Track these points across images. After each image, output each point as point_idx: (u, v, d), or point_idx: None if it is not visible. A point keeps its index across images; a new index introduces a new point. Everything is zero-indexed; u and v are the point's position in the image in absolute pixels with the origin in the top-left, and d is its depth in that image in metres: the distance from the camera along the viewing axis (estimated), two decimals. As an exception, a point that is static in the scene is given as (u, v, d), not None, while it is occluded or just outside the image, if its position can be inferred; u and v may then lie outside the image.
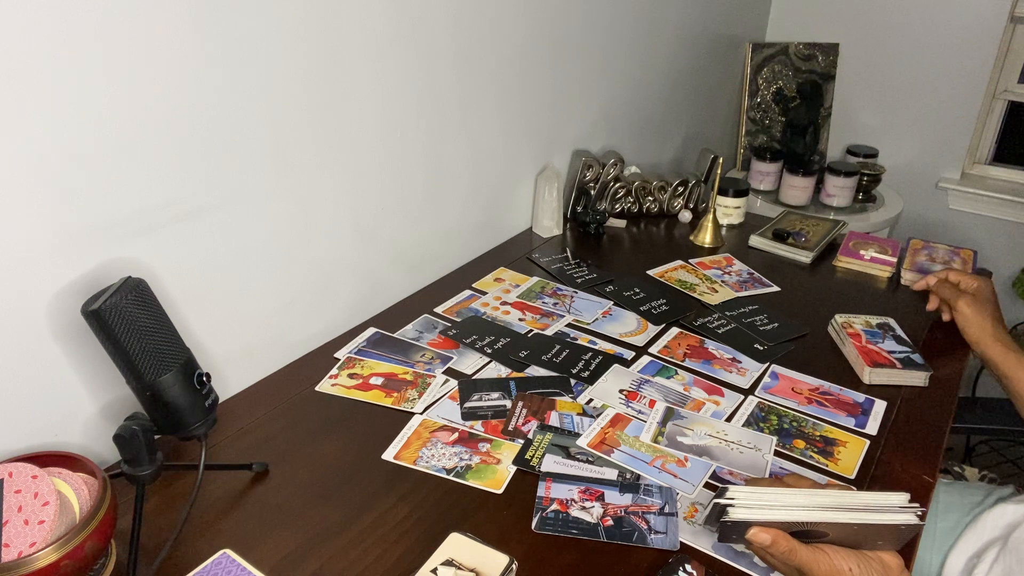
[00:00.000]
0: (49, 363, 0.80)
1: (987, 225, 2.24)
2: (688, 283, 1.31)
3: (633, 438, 0.92)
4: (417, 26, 1.09)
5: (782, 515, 0.66)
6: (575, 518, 0.80)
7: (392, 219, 1.18)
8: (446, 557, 0.71)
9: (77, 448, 0.83)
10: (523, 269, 1.34)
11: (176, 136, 0.83)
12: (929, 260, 1.34)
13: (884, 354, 1.07)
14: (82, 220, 0.78)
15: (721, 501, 0.67)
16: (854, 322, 1.14)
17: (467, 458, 0.88)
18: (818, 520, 0.65)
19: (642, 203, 1.57)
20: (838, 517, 0.65)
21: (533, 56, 1.35)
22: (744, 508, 0.67)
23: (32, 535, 0.65)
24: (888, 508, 0.66)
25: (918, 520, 0.65)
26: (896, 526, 0.65)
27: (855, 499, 0.67)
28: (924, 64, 2.17)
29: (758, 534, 0.66)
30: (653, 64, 1.77)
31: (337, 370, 1.04)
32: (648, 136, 1.87)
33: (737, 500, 0.67)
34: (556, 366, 1.05)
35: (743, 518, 0.66)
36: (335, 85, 1.00)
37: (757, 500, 0.67)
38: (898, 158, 2.29)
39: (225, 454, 0.89)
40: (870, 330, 1.13)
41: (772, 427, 0.95)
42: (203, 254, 0.91)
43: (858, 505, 0.66)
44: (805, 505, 0.67)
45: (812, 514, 0.66)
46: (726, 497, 0.67)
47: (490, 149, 1.34)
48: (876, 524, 0.65)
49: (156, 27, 0.77)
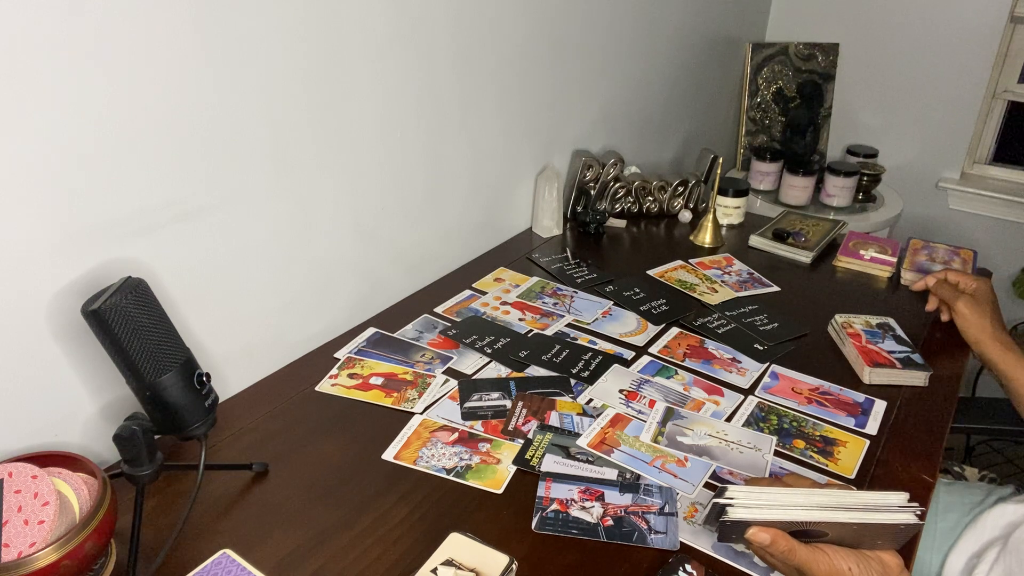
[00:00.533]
0: (49, 363, 0.80)
1: (987, 225, 2.24)
2: (688, 283, 1.31)
3: (633, 438, 0.92)
4: (417, 26, 1.09)
5: (781, 515, 0.66)
6: (575, 518, 0.80)
7: (392, 219, 1.18)
8: (446, 557, 0.71)
9: (77, 448, 0.83)
10: (523, 269, 1.34)
11: (176, 136, 0.83)
12: (929, 260, 1.34)
13: (884, 354, 1.07)
14: (82, 220, 0.78)
15: (720, 501, 0.67)
16: (854, 322, 1.14)
17: (467, 458, 0.88)
18: (817, 520, 0.66)
19: (642, 203, 1.58)
20: (837, 516, 0.65)
21: (533, 56, 1.35)
22: (743, 508, 0.67)
23: (32, 535, 0.65)
24: (887, 508, 0.66)
25: (917, 520, 0.65)
26: (895, 525, 0.65)
27: (854, 499, 0.67)
28: (924, 64, 2.17)
29: (757, 534, 0.66)
30: (653, 64, 1.77)
31: (337, 370, 1.04)
32: (648, 136, 1.87)
33: (736, 500, 0.67)
34: (556, 366, 1.05)
35: (742, 518, 0.66)
36: (335, 85, 1.00)
37: (756, 500, 0.67)
38: (898, 158, 2.29)
39: (225, 454, 0.89)
40: (870, 330, 1.13)
41: (772, 427, 0.95)
42: (203, 254, 0.91)
43: (857, 505, 0.66)
44: (804, 505, 0.67)
45: (811, 514, 0.66)
46: (725, 497, 0.67)
47: (490, 149, 1.34)
48: (875, 524, 0.65)
49: (156, 27, 0.77)
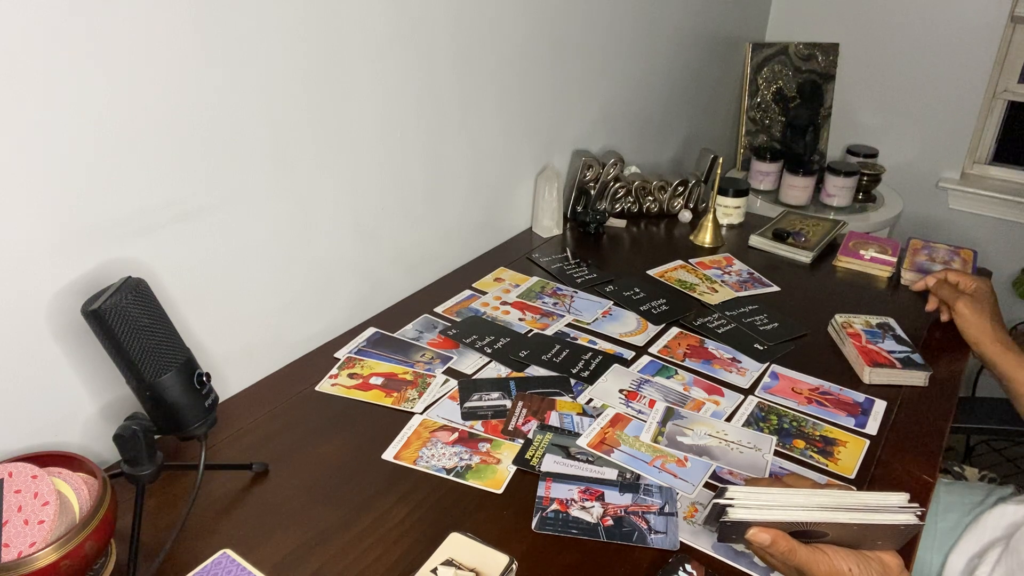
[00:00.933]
0: (49, 363, 0.80)
1: (987, 225, 2.23)
2: (688, 283, 1.31)
3: (633, 438, 0.92)
4: (417, 26, 1.09)
5: (781, 515, 0.66)
6: (575, 518, 0.80)
7: (392, 219, 1.18)
8: (446, 557, 0.71)
9: (77, 448, 0.83)
10: (523, 269, 1.34)
11: (176, 136, 0.83)
12: (929, 260, 1.34)
13: (884, 354, 1.07)
14: (82, 220, 0.78)
15: (720, 501, 0.67)
16: (854, 322, 1.14)
17: (467, 458, 0.88)
18: (818, 520, 0.65)
19: (642, 203, 1.58)
20: (837, 517, 0.65)
21: (533, 56, 1.35)
22: (743, 508, 0.67)
23: (32, 535, 0.65)
24: (887, 508, 0.66)
25: (917, 520, 0.65)
26: (896, 526, 0.65)
27: (854, 499, 0.67)
28: (924, 64, 2.17)
29: (757, 534, 0.66)
30: (653, 64, 1.77)
31: (337, 370, 1.04)
32: (648, 136, 1.87)
33: (736, 500, 0.67)
34: (556, 366, 1.05)
35: (742, 518, 0.66)
36: (335, 85, 1.00)
37: (756, 500, 0.67)
38: (898, 158, 2.29)
39: (225, 454, 0.89)
40: (870, 330, 1.13)
41: (772, 427, 0.95)
42: (203, 254, 0.91)
43: (857, 505, 0.66)
44: (804, 505, 0.67)
45: (812, 514, 0.66)
46: (725, 497, 0.67)
47: (490, 149, 1.34)
48: (875, 524, 0.65)
49: (156, 27, 0.77)
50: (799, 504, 0.67)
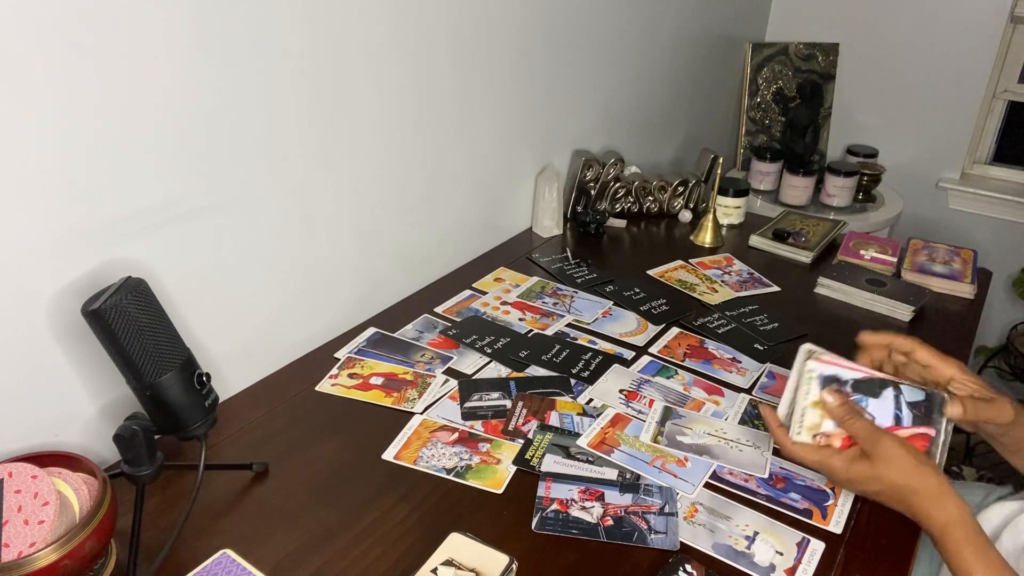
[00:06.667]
0: (49, 363, 0.80)
1: (987, 225, 2.23)
2: (688, 283, 1.31)
3: (633, 438, 0.92)
4: (417, 26, 1.09)
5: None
6: (575, 518, 0.80)
7: (392, 219, 1.18)
8: (446, 557, 0.71)
9: (77, 448, 0.82)
10: (523, 269, 1.34)
11: (176, 136, 0.83)
12: (929, 260, 1.34)
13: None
14: (82, 220, 0.78)
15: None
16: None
17: (467, 458, 0.88)
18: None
19: (642, 203, 1.57)
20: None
21: (533, 56, 1.35)
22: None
23: (32, 535, 0.65)
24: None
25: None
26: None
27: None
28: (924, 64, 2.17)
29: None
30: (653, 64, 1.77)
31: (337, 370, 1.04)
32: (648, 136, 1.87)
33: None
34: (556, 366, 1.05)
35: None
36: (335, 85, 1.00)
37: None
38: (898, 158, 2.29)
39: (225, 454, 0.89)
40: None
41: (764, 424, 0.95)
42: (203, 254, 0.91)
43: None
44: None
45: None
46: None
47: (490, 149, 1.34)
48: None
49: (156, 27, 0.77)
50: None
